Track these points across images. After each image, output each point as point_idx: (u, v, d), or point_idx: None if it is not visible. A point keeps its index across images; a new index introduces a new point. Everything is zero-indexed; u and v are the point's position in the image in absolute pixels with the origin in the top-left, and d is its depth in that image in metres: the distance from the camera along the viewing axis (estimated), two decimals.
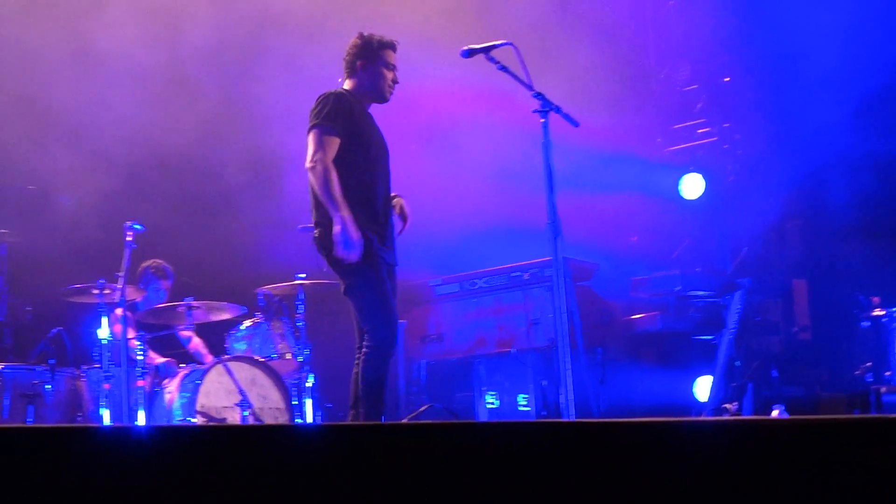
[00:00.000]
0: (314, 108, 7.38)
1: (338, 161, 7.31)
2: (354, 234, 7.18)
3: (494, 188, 11.30)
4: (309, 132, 7.34)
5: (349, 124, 7.36)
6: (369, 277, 7.32)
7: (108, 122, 11.34)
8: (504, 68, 7.35)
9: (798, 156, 11.19)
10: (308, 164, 7.29)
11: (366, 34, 7.62)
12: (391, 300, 7.38)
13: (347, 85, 7.61)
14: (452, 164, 11.38)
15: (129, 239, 9.18)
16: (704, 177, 11.87)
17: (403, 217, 7.55)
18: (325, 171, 7.22)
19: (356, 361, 7.46)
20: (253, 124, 11.43)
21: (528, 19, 11.27)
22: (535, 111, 7.35)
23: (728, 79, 12.03)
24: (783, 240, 11.73)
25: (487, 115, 11.19)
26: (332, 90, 7.47)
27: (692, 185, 11.91)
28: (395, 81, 7.61)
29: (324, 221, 7.35)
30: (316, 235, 7.44)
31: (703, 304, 10.94)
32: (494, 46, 7.38)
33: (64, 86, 10.94)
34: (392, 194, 7.61)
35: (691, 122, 12.21)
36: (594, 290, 10.42)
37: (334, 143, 7.28)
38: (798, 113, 11.06)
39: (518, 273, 10.27)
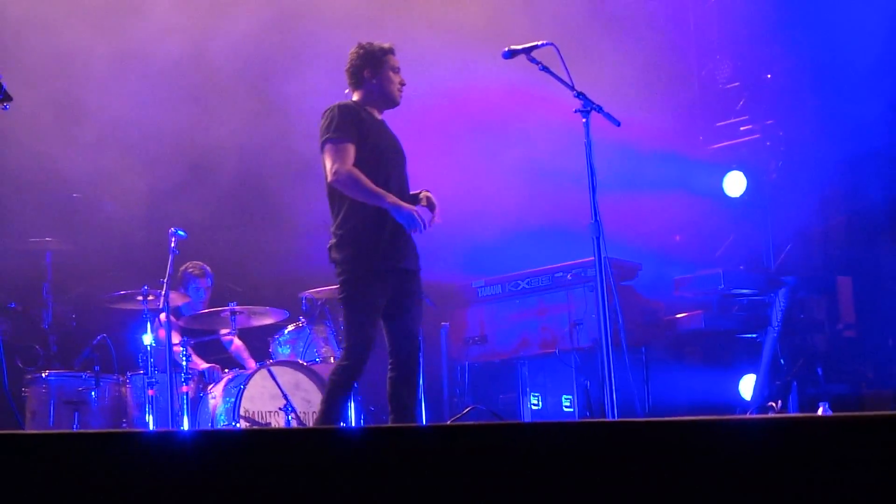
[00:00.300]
0: (322, 124, 7.44)
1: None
2: (404, 207, 7.26)
3: (536, 189, 11.28)
4: (322, 150, 7.40)
5: (358, 132, 7.39)
6: (360, 297, 7.37)
7: (150, 127, 11.41)
8: (545, 68, 7.34)
9: (841, 152, 11.12)
10: (330, 179, 7.35)
11: (365, 43, 7.64)
12: (372, 325, 7.41)
13: (356, 96, 7.62)
14: (494, 166, 11.37)
15: (172, 245, 9.23)
16: (747, 174, 11.80)
17: (431, 207, 7.51)
18: (350, 175, 7.27)
19: (389, 367, 7.60)
20: (295, 126, 11.44)
21: (568, 19, 11.24)
22: (576, 111, 7.34)
23: (770, 75, 11.96)
24: (827, 237, 11.65)
25: (529, 115, 11.18)
26: (336, 103, 7.51)
27: (735, 183, 11.85)
28: (402, 83, 7.61)
29: (339, 233, 7.43)
30: (329, 244, 7.52)
31: (746, 303, 10.88)
32: (536, 47, 7.37)
33: (107, 92, 11.01)
34: (416, 191, 7.59)
35: (734, 120, 12.14)
36: (637, 289, 10.37)
37: (350, 150, 7.32)
38: (841, 109, 10.99)
39: (561, 274, 10.24)
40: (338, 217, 7.46)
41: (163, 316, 9.32)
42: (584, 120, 7.32)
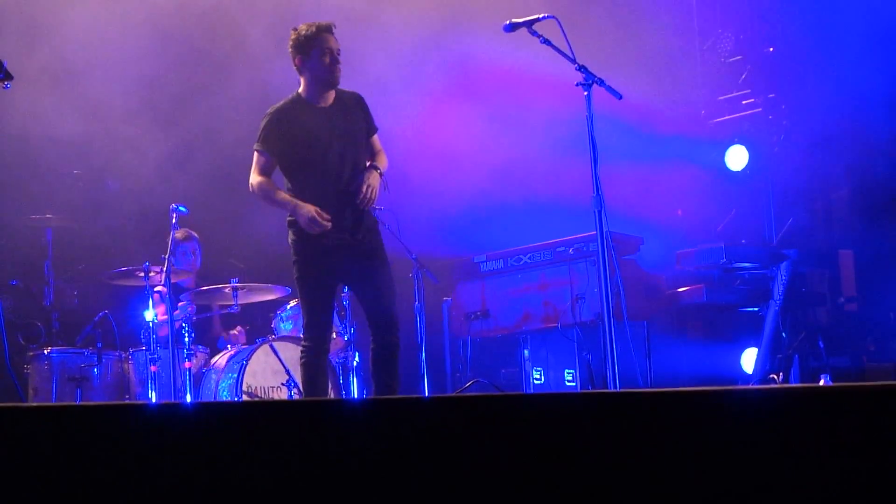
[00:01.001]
0: (260, 128, 7.79)
1: (284, 169, 7.77)
2: (303, 211, 7.50)
3: (538, 163, 11.27)
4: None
5: (282, 137, 7.66)
6: (307, 276, 7.68)
7: (152, 104, 11.38)
8: (547, 41, 7.32)
9: (844, 125, 11.10)
10: (250, 185, 7.77)
11: (295, 28, 7.76)
12: (322, 303, 7.70)
13: (301, 87, 7.79)
14: (496, 140, 11.35)
15: (173, 221, 9.22)
16: (749, 148, 11.78)
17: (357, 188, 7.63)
18: (256, 188, 7.76)
19: (370, 344, 7.77)
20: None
21: None
22: (578, 84, 7.32)
23: (772, 49, 11.93)
24: (829, 210, 11.65)
25: (530, 89, 11.15)
26: (272, 107, 7.80)
27: (737, 157, 11.83)
28: (334, 62, 7.66)
29: (287, 218, 7.75)
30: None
31: (748, 276, 10.88)
32: (537, 20, 7.35)
33: (109, 67, 10.97)
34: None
35: (736, 94, 12.11)
36: (639, 263, 10.37)
37: (264, 162, 7.75)
38: (844, 82, 10.97)
39: (563, 248, 10.24)
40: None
41: (162, 289, 9.31)
42: (585, 93, 7.31)
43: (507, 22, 7.45)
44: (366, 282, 7.73)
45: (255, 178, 7.71)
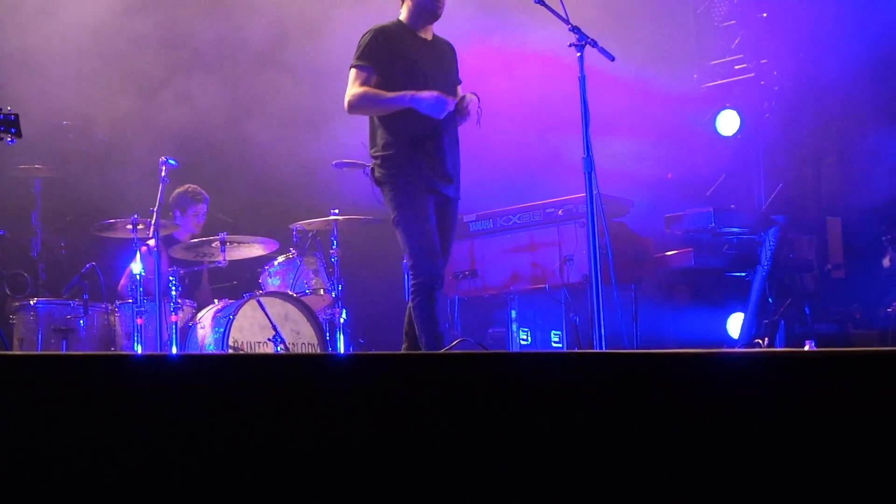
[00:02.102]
0: (357, 47, 7.46)
1: (382, 87, 7.37)
2: (424, 95, 7.25)
3: (529, 123, 11.25)
4: (350, 68, 7.44)
5: (387, 55, 7.38)
6: (412, 212, 7.32)
7: (142, 57, 11.33)
8: (541, 1, 7.29)
9: (834, 93, 11.10)
10: (345, 105, 7.41)
11: None
12: (434, 235, 7.33)
13: (402, 14, 7.58)
14: (486, 100, 11.32)
15: (163, 174, 9.20)
16: (740, 113, 11.79)
17: (461, 112, 7.43)
18: (358, 96, 7.34)
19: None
20: (287, 62, 11.40)
21: None
22: (571, 45, 7.30)
23: (766, 14, 11.90)
24: (818, 177, 11.67)
25: (522, 49, 11.11)
26: (373, 26, 7.49)
27: (728, 122, 11.84)
28: None
29: (378, 155, 7.42)
30: (370, 167, 7.52)
31: (736, 241, 10.88)
32: None
33: (100, 20, 10.90)
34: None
35: (728, 59, 12.10)
36: (629, 226, 10.38)
37: (366, 75, 7.35)
38: (835, 50, 10.96)
39: (552, 209, 10.23)
40: (375, 140, 7.50)
41: (151, 242, 9.30)
42: (578, 54, 7.28)
43: None
44: (443, 230, 7.49)
45: (355, 90, 7.36)
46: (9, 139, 7.57)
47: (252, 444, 3.69)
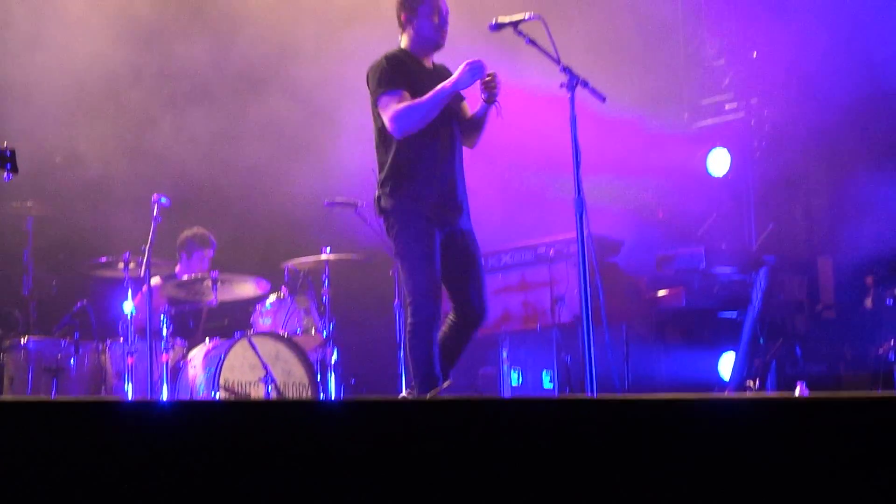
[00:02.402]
0: (372, 80, 7.23)
1: None
2: (462, 68, 7.08)
3: (520, 163, 11.27)
4: (377, 106, 7.19)
5: (403, 79, 7.18)
6: (417, 250, 7.11)
7: (133, 94, 11.36)
8: (532, 42, 7.29)
9: (825, 132, 11.15)
10: (390, 129, 7.11)
11: None
12: (437, 275, 7.12)
13: (403, 43, 7.40)
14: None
15: (155, 212, 9.20)
16: (731, 152, 11.84)
17: (489, 89, 7.23)
18: (400, 113, 7.07)
19: (450, 319, 7.33)
20: (278, 99, 11.43)
21: None
22: (562, 85, 7.29)
23: (756, 54, 11.97)
24: (809, 217, 11.70)
25: (514, 89, 11.14)
26: (383, 55, 7.29)
27: (719, 161, 11.89)
28: (443, 23, 7.31)
29: (386, 184, 7.22)
30: (377, 196, 7.30)
31: (727, 281, 10.91)
32: (523, 20, 7.31)
33: (94, 58, 10.93)
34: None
35: (719, 98, 12.16)
36: (620, 266, 10.39)
37: (398, 99, 7.09)
38: (825, 89, 11.01)
39: (544, 249, 10.25)
40: (384, 168, 7.25)
41: (154, 280, 9.31)
42: (569, 94, 7.29)
43: (493, 21, 7.40)
44: (463, 274, 7.28)
45: (395, 108, 7.04)
46: (5, 175, 7.53)
47: (242, 490, 3.68)
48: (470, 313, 7.31)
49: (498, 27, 7.35)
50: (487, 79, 7.17)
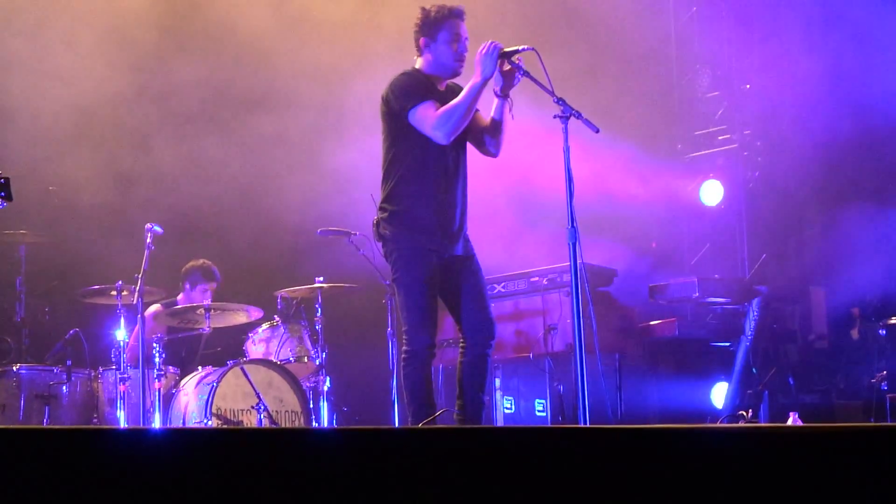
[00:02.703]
0: (396, 97, 7.14)
1: (401, 138, 7.15)
2: (481, 51, 7.00)
3: (514, 193, 11.29)
4: (412, 121, 7.09)
5: (429, 92, 7.15)
6: (414, 277, 7.11)
7: (130, 123, 11.38)
8: (526, 73, 7.31)
9: (817, 163, 11.18)
10: (440, 139, 7.06)
11: (427, 7, 7.30)
12: (433, 304, 7.14)
13: (418, 64, 7.33)
14: (471, 169, 11.38)
15: (148, 241, 9.20)
16: (724, 183, 11.89)
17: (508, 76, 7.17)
18: (440, 118, 7.03)
19: (460, 352, 7.31)
20: (270, 126, 11.45)
21: (548, 25, 11.28)
22: (555, 116, 7.30)
23: (749, 86, 12.02)
24: (801, 247, 11.73)
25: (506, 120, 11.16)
26: (399, 73, 7.24)
27: (712, 192, 11.94)
28: (462, 51, 7.24)
29: (386, 209, 7.19)
30: (375, 220, 7.27)
31: (720, 311, 10.93)
32: (517, 51, 7.34)
33: (86, 87, 10.95)
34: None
35: (712, 129, 12.22)
36: (613, 295, 10.40)
37: (431, 106, 7.06)
38: (818, 121, 11.06)
39: (537, 278, 10.26)
40: (387, 191, 7.21)
41: (154, 307, 9.31)
42: (563, 125, 7.29)
43: None
44: (467, 297, 7.24)
45: (434, 116, 7.00)
46: (1, 203, 7.51)
47: None
48: (478, 335, 7.27)
49: None
50: (507, 68, 7.12)
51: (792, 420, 9.20)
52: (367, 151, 8.37)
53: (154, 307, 9.56)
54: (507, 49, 7.24)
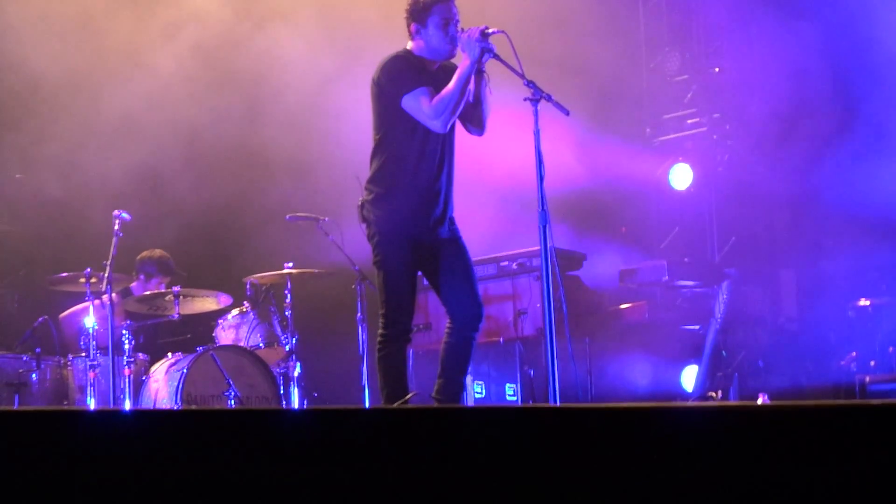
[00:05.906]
0: (388, 83, 7.12)
1: (391, 122, 7.15)
2: (465, 49, 7.02)
3: (483, 177, 11.28)
4: (404, 107, 7.08)
5: (420, 77, 7.13)
6: (395, 262, 7.14)
7: (95, 110, 11.31)
8: (496, 56, 7.30)
9: (786, 146, 11.22)
10: (436, 127, 7.08)
11: None
12: (412, 290, 7.20)
13: (410, 45, 7.28)
14: None
15: (116, 227, 9.17)
16: (693, 167, 11.91)
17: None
18: (436, 107, 7.03)
19: (445, 332, 7.37)
20: (243, 115, 11.41)
21: (518, 7, 11.25)
22: (525, 99, 7.30)
23: (718, 69, 12.05)
24: (771, 231, 11.77)
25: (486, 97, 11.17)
26: (389, 56, 7.20)
27: (681, 176, 11.96)
28: (453, 36, 7.18)
29: (371, 191, 7.21)
30: (360, 201, 7.26)
31: (690, 294, 10.96)
32: (487, 32, 7.32)
33: (58, 71, 10.89)
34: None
35: (681, 113, 12.24)
36: (582, 279, 10.41)
37: (425, 94, 7.05)
38: (787, 104, 11.09)
39: (507, 262, 10.25)
40: (373, 173, 7.23)
41: (105, 298, 9.25)
42: (533, 108, 7.29)
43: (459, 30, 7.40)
44: (452, 279, 7.29)
45: (428, 105, 7.00)
46: None
47: (204, 500, 3.66)
48: (465, 317, 7.31)
49: None
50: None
51: (761, 401, 9.23)
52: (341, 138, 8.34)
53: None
54: (477, 27, 7.23)
